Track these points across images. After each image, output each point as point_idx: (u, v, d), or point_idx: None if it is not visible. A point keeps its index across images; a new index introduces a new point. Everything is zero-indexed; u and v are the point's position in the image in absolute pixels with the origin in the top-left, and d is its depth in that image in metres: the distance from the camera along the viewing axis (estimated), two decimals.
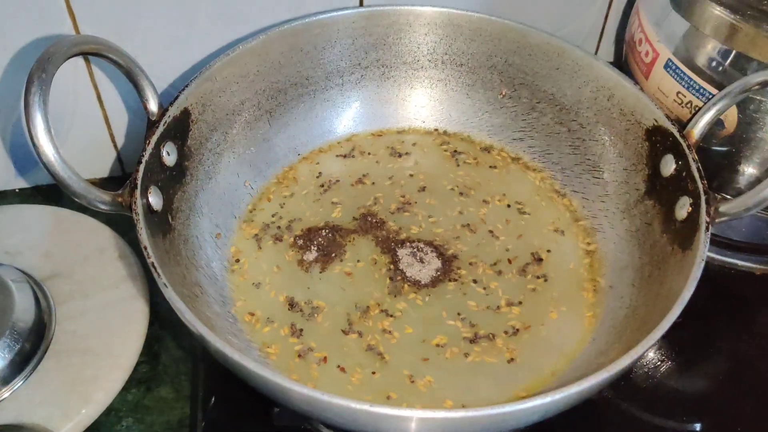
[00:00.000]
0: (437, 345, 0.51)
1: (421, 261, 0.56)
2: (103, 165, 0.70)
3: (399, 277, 0.55)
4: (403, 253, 0.56)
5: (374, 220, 0.58)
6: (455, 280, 0.55)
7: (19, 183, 0.68)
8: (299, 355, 0.50)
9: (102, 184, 0.46)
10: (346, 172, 0.62)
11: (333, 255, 0.56)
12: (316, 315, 0.52)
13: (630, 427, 0.53)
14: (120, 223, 0.61)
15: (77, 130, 0.66)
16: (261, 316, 0.52)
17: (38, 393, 0.51)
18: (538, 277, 0.55)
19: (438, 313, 0.53)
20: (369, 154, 0.64)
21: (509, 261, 0.56)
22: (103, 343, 0.54)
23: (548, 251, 0.57)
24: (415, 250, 0.57)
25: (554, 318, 0.53)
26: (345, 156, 0.63)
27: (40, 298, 0.56)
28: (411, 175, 0.63)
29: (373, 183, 0.62)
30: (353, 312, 0.53)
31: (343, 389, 0.48)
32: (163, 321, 0.58)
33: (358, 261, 0.56)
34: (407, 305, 0.53)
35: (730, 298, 0.61)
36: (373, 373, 0.49)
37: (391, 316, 0.52)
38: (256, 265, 0.55)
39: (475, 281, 0.55)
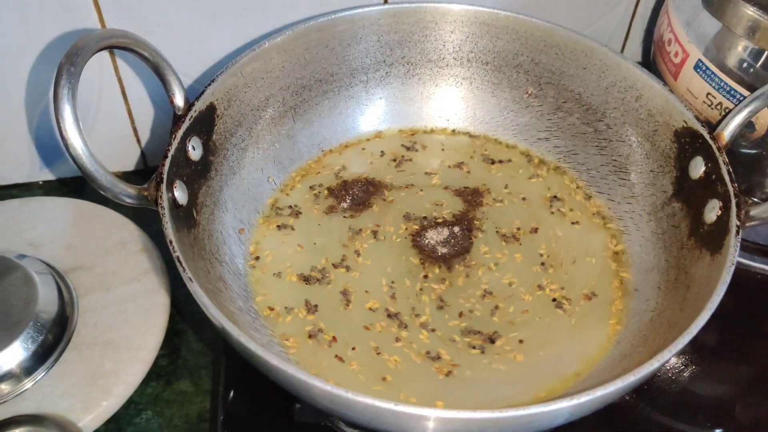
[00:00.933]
0: (459, 338, 0.51)
1: (448, 243, 0.57)
2: (126, 159, 0.70)
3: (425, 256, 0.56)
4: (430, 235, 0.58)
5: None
6: (481, 265, 0.55)
7: (44, 175, 0.68)
8: (310, 336, 0.50)
9: (125, 178, 0.46)
10: (369, 169, 0.62)
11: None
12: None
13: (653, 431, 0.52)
14: (142, 217, 0.61)
15: (101, 125, 0.66)
16: (280, 310, 0.52)
17: (60, 384, 0.51)
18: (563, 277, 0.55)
19: (462, 307, 0.53)
20: (392, 151, 0.64)
21: (540, 261, 0.56)
22: (124, 336, 0.54)
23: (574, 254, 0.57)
24: (441, 231, 0.57)
25: (579, 320, 0.52)
26: (369, 153, 0.63)
27: (63, 290, 0.56)
28: (430, 174, 0.62)
29: (392, 183, 0.62)
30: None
31: (362, 378, 0.48)
32: (183, 315, 0.58)
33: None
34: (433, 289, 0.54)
35: (755, 303, 0.60)
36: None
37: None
38: (275, 255, 0.56)
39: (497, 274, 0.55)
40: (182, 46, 0.62)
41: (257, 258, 0.55)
